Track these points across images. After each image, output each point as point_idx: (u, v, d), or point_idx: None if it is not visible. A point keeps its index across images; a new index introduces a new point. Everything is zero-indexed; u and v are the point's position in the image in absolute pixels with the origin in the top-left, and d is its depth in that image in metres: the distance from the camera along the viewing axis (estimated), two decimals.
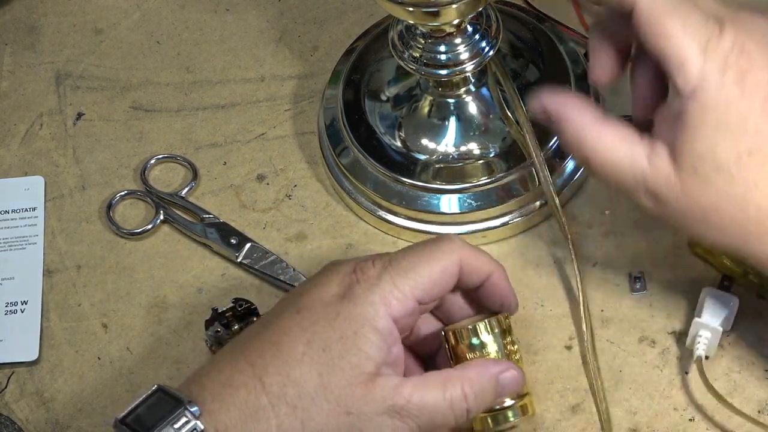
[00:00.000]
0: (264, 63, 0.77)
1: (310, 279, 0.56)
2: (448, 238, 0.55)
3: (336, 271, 0.53)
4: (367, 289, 0.52)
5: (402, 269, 0.52)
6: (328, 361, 0.51)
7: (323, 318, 0.51)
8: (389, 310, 0.51)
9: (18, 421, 0.64)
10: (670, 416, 0.63)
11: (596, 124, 0.52)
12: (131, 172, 0.73)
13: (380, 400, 0.51)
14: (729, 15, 0.50)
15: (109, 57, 0.77)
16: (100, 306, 0.68)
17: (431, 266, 0.53)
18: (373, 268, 0.53)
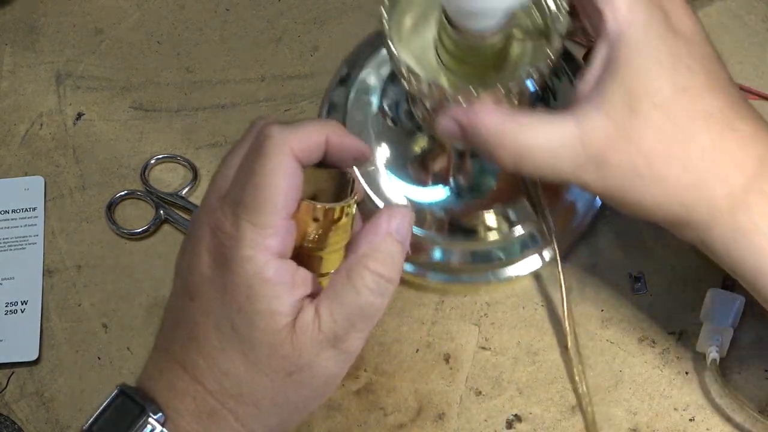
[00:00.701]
0: (264, 63, 0.77)
1: (184, 248, 0.53)
2: (266, 138, 0.50)
3: (198, 237, 0.51)
4: (234, 247, 0.49)
5: (252, 206, 0.49)
6: (242, 338, 0.49)
7: (215, 297, 0.50)
8: (267, 251, 0.49)
9: (18, 421, 0.64)
10: (670, 416, 0.63)
11: (511, 119, 0.51)
12: (131, 172, 0.73)
13: (310, 344, 0.49)
14: None
15: (109, 57, 0.77)
16: (100, 306, 0.68)
17: (276, 184, 0.49)
18: (226, 221, 0.49)
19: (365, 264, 0.49)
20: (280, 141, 0.49)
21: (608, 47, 0.49)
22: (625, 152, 0.49)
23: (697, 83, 0.49)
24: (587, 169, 0.50)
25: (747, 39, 0.77)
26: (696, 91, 0.49)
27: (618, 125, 0.49)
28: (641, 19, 0.49)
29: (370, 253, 0.50)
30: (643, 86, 0.48)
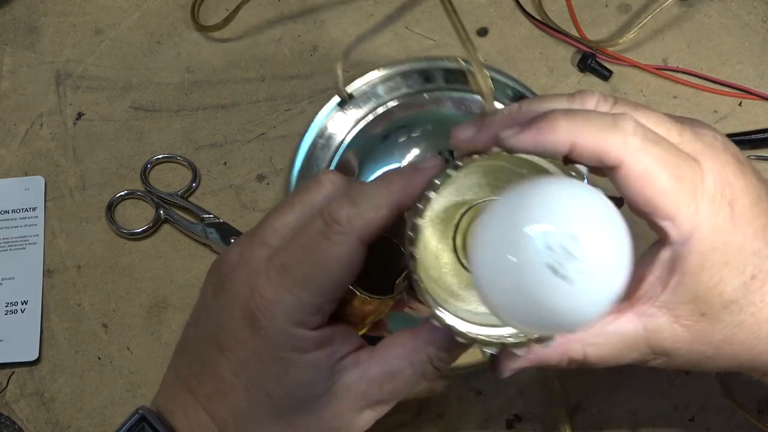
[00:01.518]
0: (264, 63, 0.77)
1: (215, 291, 0.51)
2: (333, 222, 0.48)
3: (234, 293, 0.50)
4: (273, 318, 0.48)
5: (302, 284, 0.48)
6: (278, 404, 0.49)
7: (247, 360, 0.49)
8: (307, 326, 0.49)
9: (18, 421, 0.64)
10: (670, 416, 0.63)
11: (571, 339, 0.49)
12: (131, 172, 0.73)
13: (350, 408, 0.49)
14: (697, 147, 0.48)
15: (109, 57, 0.77)
16: (100, 306, 0.68)
17: (334, 274, 0.48)
18: (269, 287, 0.48)
19: (428, 353, 0.49)
20: (348, 229, 0.48)
21: (672, 253, 0.47)
22: (695, 347, 0.49)
23: (765, 263, 0.48)
24: (653, 360, 0.50)
25: (747, 39, 0.77)
26: (763, 272, 0.48)
27: (687, 328, 0.48)
28: (705, 226, 0.47)
29: (435, 343, 0.50)
30: (712, 291, 0.47)
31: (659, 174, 0.45)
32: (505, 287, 0.42)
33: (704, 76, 0.75)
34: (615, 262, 0.41)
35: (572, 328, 0.42)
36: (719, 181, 0.47)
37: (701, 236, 0.46)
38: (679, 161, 0.46)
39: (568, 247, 0.40)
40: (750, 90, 0.74)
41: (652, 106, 0.74)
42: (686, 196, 0.46)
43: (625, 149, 0.45)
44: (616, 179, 0.46)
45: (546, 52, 0.77)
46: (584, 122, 0.45)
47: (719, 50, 0.76)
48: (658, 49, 0.76)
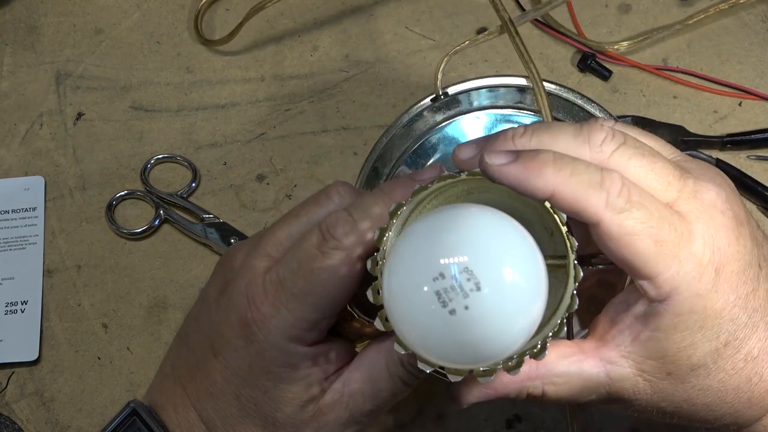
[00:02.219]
0: (264, 63, 0.77)
1: (213, 296, 0.52)
2: (333, 239, 0.48)
3: (233, 302, 0.50)
4: (267, 332, 0.48)
5: (298, 299, 0.48)
6: (265, 416, 0.49)
7: (238, 369, 0.50)
8: (300, 342, 0.49)
9: (18, 421, 0.64)
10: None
11: (532, 373, 0.48)
12: (131, 172, 0.73)
13: (334, 423, 0.50)
14: (692, 207, 0.46)
15: (109, 57, 0.77)
16: (100, 306, 0.68)
17: (332, 291, 0.48)
18: (266, 301, 0.48)
19: (401, 357, 0.49)
20: (344, 244, 0.48)
21: (647, 308, 0.46)
22: (654, 402, 0.48)
23: (740, 331, 0.46)
24: (609, 404, 0.49)
25: (747, 39, 0.77)
26: (738, 340, 0.46)
27: (651, 384, 0.47)
28: (685, 292, 0.45)
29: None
30: (681, 353, 0.46)
31: (638, 238, 0.44)
32: (410, 319, 0.41)
33: (704, 76, 0.75)
34: (511, 300, 0.40)
35: (478, 363, 0.42)
36: (709, 245, 0.45)
37: (680, 298, 0.45)
38: (663, 225, 0.44)
39: (460, 278, 0.39)
40: (750, 90, 0.74)
41: (652, 107, 0.74)
42: (667, 259, 0.44)
43: (604, 210, 0.44)
44: (595, 235, 0.45)
45: (546, 52, 0.77)
46: (570, 175, 0.44)
47: (719, 50, 0.76)
48: (658, 49, 0.76)
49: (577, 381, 0.48)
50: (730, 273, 0.46)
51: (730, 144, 0.72)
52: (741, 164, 0.71)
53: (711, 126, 0.73)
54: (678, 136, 0.72)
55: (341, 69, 0.76)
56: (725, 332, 0.46)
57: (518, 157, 0.44)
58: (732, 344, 0.46)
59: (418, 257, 0.40)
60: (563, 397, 0.48)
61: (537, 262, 0.41)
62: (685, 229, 0.45)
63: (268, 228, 0.51)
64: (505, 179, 0.44)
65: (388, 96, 0.75)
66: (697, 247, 0.45)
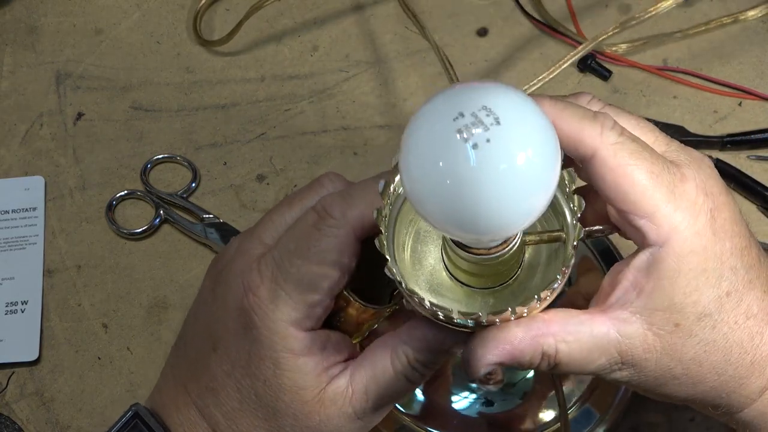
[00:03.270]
0: (264, 63, 0.77)
1: (208, 290, 0.52)
2: (327, 215, 0.48)
3: (228, 289, 0.50)
4: (265, 317, 0.48)
5: (295, 280, 0.48)
6: (266, 407, 0.49)
7: (239, 359, 0.49)
8: (299, 326, 0.48)
9: (18, 421, 0.64)
10: (670, 416, 0.63)
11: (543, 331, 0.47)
12: (131, 172, 0.73)
13: (337, 416, 0.49)
14: (681, 157, 0.47)
15: (109, 57, 0.77)
16: (100, 306, 0.68)
17: (328, 269, 0.48)
18: (262, 285, 0.48)
19: (406, 352, 0.49)
20: (342, 222, 0.48)
21: (649, 257, 0.46)
22: (664, 361, 0.48)
23: (740, 283, 0.47)
24: (620, 371, 0.49)
25: (747, 39, 0.77)
26: (738, 292, 0.47)
27: (659, 338, 0.47)
28: (684, 230, 0.45)
29: (411, 342, 0.49)
30: (687, 299, 0.46)
31: (634, 168, 0.45)
32: (428, 177, 0.39)
33: (704, 76, 0.75)
34: (531, 136, 0.39)
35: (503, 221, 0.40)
36: (701, 188, 0.46)
37: (680, 237, 0.45)
38: (657, 160, 0.45)
39: (479, 114, 0.38)
40: (750, 90, 0.74)
41: (653, 107, 0.74)
42: (664, 193, 0.45)
43: (600, 140, 0.45)
44: (592, 172, 0.45)
45: (546, 52, 0.77)
46: (565, 108, 0.45)
47: (719, 50, 0.76)
48: (658, 50, 0.76)
49: (588, 339, 0.47)
50: (724, 220, 0.46)
51: (730, 144, 0.72)
52: (741, 164, 0.71)
53: (711, 126, 0.73)
54: (678, 136, 0.72)
55: (341, 69, 0.76)
56: (726, 280, 0.47)
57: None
58: (733, 295, 0.47)
59: (435, 113, 0.39)
60: (575, 358, 0.48)
61: (554, 136, 0.41)
62: (677, 171, 0.46)
63: (261, 218, 0.51)
64: None
65: (388, 96, 0.75)
66: (690, 187, 0.46)
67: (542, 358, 0.48)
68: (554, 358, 0.48)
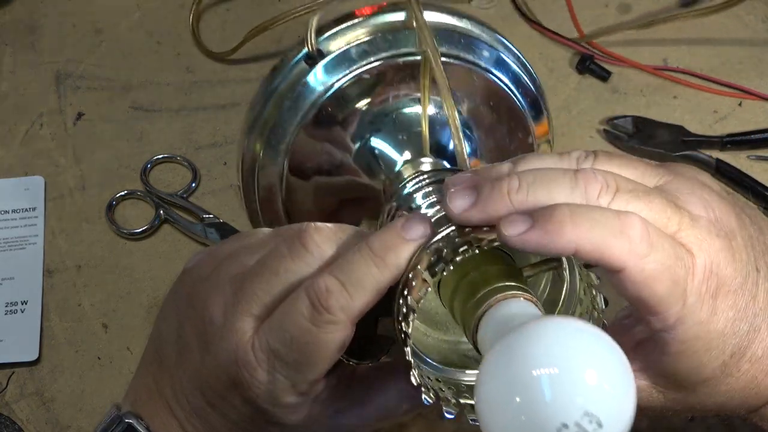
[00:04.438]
0: (264, 63, 0.77)
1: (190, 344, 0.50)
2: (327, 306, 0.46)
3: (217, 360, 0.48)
4: (264, 394, 0.48)
5: (292, 365, 0.47)
6: None
7: (241, 423, 0.49)
8: (296, 394, 0.48)
9: (18, 421, 0.64)
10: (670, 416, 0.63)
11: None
12: (131, 172, 0.73)
13: None
14: (694, 235, 0.46)
15: (109, 57, 0.77)
16: (100, 306, 0.68)
17: (330, 356, 0.47)
18: (259, 368, 0.47)
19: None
20: (340, 318, 0.46)
21: (655, 337, 0.47)
22: (667, 407, 0.50)
23: (744, 340, 0.48)
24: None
25: (747, 39, 0.77)
26: (742, 348, 0.48)
27: (663, 395, 0.49)
28: (689, 322, 0.46)
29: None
30: (690, 372, 0.47)
31: (658, 281, 0.45)
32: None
33: (704, 76, 0.75)
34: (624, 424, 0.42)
35: None
36: (707, 274, 0.46)
37: (684, 327, 0.46)
38: (678, 263, 0.45)
39: (583, 423, 0.39)
40: (750, 90, 0.74)
41: (653, 107, 0.74)
42: (679, 297, 0.46)
43: (628, 256, 0.44)
44: (616, 279, 0.45)
45: (546, 53, 0.77)
46: (590, 228, 0.44)
47: (719, 50, 0.76)
48: (658, 50, 0.76)
49: None
50: (727, 292, 0.47)
51: (730, 144, 0.72)
52: (741, 164, 0.71)
53: (711, 126, 0.73)
54: (678, 136, 0.72)
55: None
56: (730, 345, 0.47)
57: (535, 222, 0.43)
58: (737, 354, 0.48)
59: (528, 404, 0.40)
60: None
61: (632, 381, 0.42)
62: (690, 262, 0.46)
63: (246, 278, 0.49)
64: (528, 247, 0.43)
65: None
66: (698, 279, 0.46)
67: None
68: None
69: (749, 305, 0.47)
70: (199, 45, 0.77)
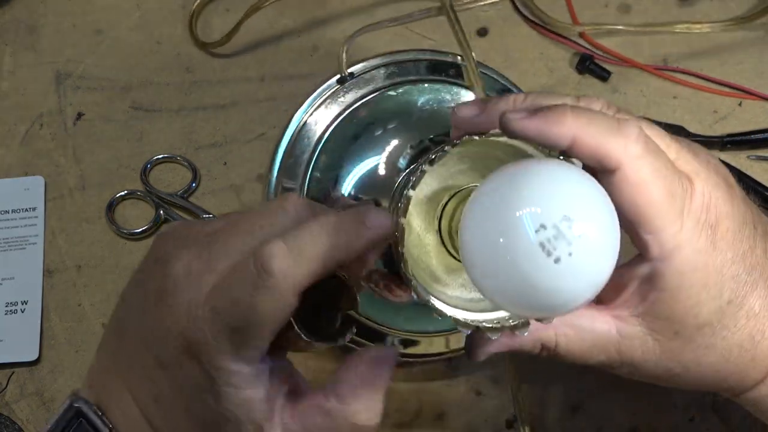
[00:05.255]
0: (264, 63, 0.77)
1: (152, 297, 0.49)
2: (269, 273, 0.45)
3: (174, 315, 0.48)
4: (210, 356, 0.47)
5: (231, 327, 0.46)
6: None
7: (188, 388, 0.48)
8: (243, 362, 0.47)
9: (18, 421, 0.64)
10: (670, 416, 0.63)
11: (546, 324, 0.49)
12: (131, 172, 0.73)
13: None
14: (693, 166, 0.48)
15: (109, 57, 0.77)
16: (100, 306, 0.68)
17: (272, 323, 0.46)
18: (205, 326, 0.46)
19: (344, 413, 0.48)
20: (281, 283, 0.46)
21: (651, 269, 0.47)
22: (662, 362, 0.49)
23: (741, 289, 0.48)
24: (620, 368, 0.50)
25: (747, 39, 0.77)
26: (740, 298, 0.48)
27: (660, 343, 0.48)
28: (686, 247, 0.46)
29: (350, 400, 0.48)
30: (688, 312, 0.47)
31: (654, 186, 0.45)
32: (496, 270, 0.42)
33: (704, 76, 0.75)
34: (605, 244, 0.41)
35: (562, 310, 0.42)
36: (706, 203, 0.47)
37: (682, 255, 0.46)
38: (675, 177, 0.46)
39: (561, 227, 0.40)
40: (750, 90, 0.74)
41: (652, 107, 0.74)
42: (674, 214, 0.46)
43: (625, 154, 0.45)
44: (610, 182, 0.45)
45: (546, 53, 0.77)
46: (589, 120, 0.45)
47: (719, 50, 0.76)
48: (658, 49, 0.77)
49: (589, 336, 0.49)
50: (726, 230, 0.47)
51: (730, 144, 0.72)
52: (741, 164, 0.72)
53: (711, 126, 0.73)
54: (678, 135, 0.72)
55: None
56: (728, 290, 0.47)
57: (538, 110, 0.45)
58: (734, 302, 0.47)
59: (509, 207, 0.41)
60: (574, 352, 0.49)
61: (616, 219, 0.42)
62: (689, 186, 0.46)
63: (219, 233, 0.49)
64: (528, 132, 0.45)
65: None
66: (697, 204, 0.47)
67: (542, 349, 0.49)
68: (553, 350, 0.49)
69: (747, 254, 0.48)
70: (197, 43, 0.77)
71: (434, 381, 0.65)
